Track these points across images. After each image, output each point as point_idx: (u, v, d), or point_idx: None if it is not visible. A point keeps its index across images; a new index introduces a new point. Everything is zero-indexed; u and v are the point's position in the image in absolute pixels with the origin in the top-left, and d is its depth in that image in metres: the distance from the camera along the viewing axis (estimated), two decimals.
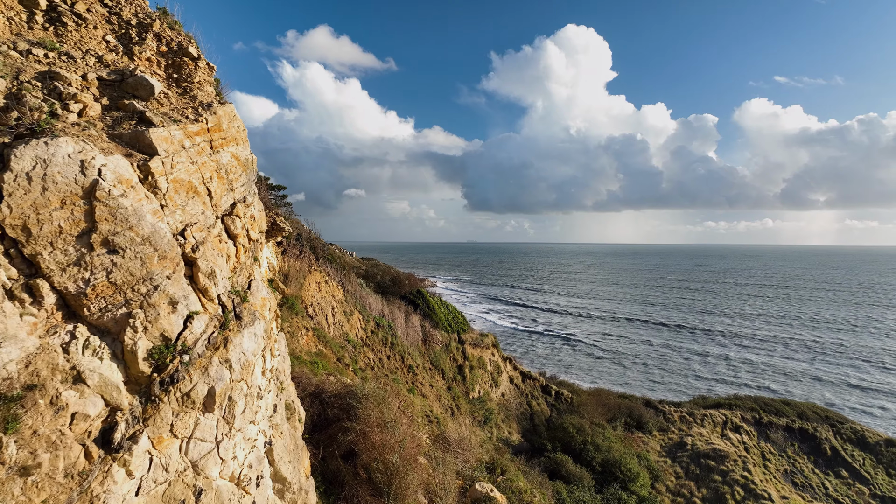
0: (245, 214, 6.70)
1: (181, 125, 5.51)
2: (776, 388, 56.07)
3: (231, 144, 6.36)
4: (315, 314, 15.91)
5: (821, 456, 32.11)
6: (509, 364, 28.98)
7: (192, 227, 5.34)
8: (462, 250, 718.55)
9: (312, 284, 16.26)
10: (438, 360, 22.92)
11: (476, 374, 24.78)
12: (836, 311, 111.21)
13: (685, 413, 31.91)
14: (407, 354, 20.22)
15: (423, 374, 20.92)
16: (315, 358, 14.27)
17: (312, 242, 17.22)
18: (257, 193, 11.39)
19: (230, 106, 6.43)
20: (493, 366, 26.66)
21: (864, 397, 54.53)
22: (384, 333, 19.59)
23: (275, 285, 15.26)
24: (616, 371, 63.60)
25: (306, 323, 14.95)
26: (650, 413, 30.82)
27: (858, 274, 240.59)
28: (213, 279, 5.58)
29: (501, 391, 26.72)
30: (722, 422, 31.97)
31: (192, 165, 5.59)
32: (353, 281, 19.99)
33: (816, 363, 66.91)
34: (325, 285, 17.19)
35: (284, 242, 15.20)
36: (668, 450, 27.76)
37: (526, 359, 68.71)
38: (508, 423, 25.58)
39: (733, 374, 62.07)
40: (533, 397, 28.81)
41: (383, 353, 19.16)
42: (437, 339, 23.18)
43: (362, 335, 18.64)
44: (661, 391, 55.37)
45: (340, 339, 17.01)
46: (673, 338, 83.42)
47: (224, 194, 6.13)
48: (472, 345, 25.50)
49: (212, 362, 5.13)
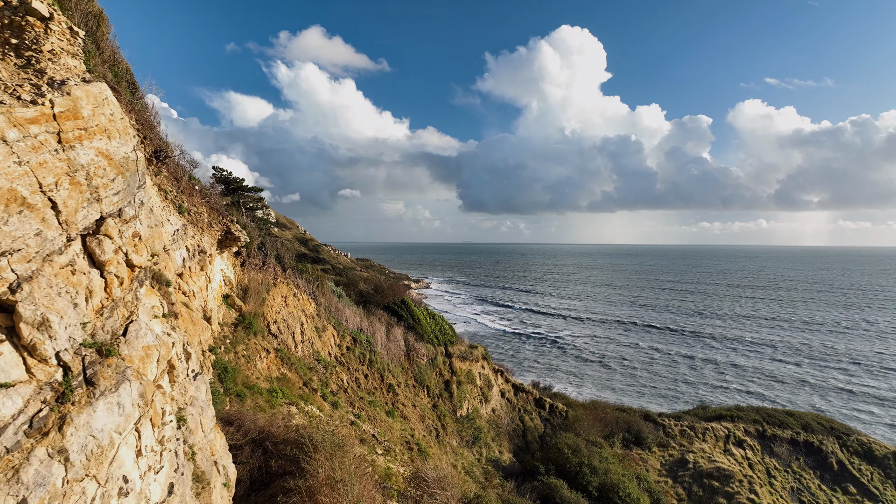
0: (123, 233, 4.96)
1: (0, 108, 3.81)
2: (767, 393, 55.22)
3: (97, 137, 4.61)
4: (280, 332, 14.18)
5: (827, 471, 30.71)
6: (500, 377, 27.33)
7: (9, 258, 3.62)
8: (458, 251, 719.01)
9: (277, 299, 14.53)
10: (423, 376, 21.23)
11: (464, 389, 23.12)
12: (827, 313, 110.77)
13: (686, 427, 30.40)
14: (387, 372, 18.51)
15: (404, 393, 19.22)
16: (276, 385, 12.55)
17: (279, 251, 15.47)
18: (171, 201, 9.50)
19: (98, 85, 4.68)
20: (482, 380, 25.00)
21: (851, 400, 53.68)
22: (362, 350, 17.88)
23: (231, 302, 13.52)
24: (607, 376, 62.54)
25: (267, 343, 13.22)
26: (649, 427, 29.27)
27: (850, 275, 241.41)
28: (48, 330, 3.85)
29: (492, 406, 25.07)
30: (724, 436, 30.49)
31: (19, 166, 3.84)
32: (328, 292, 18.26)
33: (806, 366, 66.23)
34: (293, 299, 15.45)
35: (244, 253, 13.45)
36: (668, 468, 26.22)
37: (517, 363, 67.31)
38: (499, 442, 23.93)
39: (723, 378, 61.16)
40: (526, 412, 27.18)
41: (360, 371, 17.44)
42: (422, 353, 21.50)
43: (336, 353, 16.91)
44: (653, 396, 54.22)
45: (310, 359, 15.29)
46: (665, 341, 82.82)
47: (82, 206, 4.37)
48: (460, 358, 23.82)
49: (30, 458, 3.43)
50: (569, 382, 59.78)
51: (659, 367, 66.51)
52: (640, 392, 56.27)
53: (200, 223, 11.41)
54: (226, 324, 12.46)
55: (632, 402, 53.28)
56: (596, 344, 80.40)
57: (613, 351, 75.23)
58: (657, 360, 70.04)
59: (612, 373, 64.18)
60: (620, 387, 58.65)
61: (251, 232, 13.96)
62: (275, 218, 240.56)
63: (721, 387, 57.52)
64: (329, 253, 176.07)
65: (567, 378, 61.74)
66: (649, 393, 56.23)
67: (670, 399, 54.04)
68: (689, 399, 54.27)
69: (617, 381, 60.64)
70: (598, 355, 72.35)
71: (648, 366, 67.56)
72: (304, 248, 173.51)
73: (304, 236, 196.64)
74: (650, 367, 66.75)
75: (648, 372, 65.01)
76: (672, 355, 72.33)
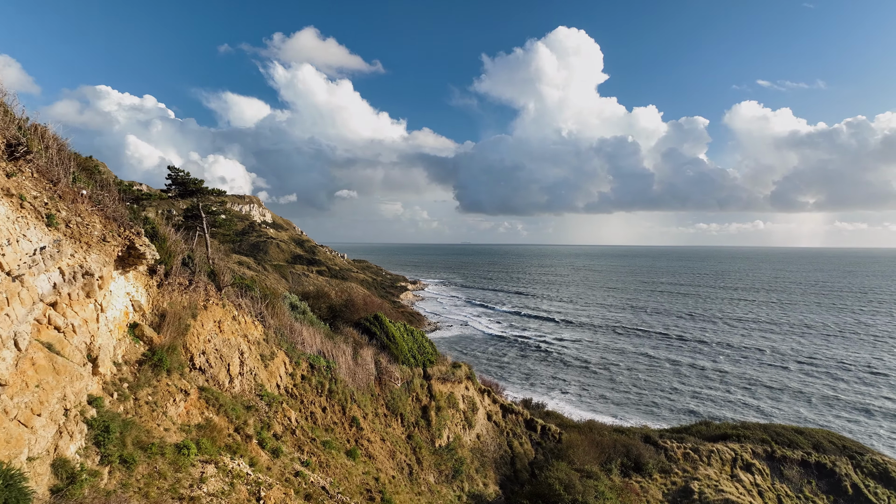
0: None
1: None
2: (762, 405, 52.95)
3: None
4: (209, 366, 11.71)
5: (841, 495, 28.38)
6: (487, 397, 24.88)
7: None
8: (455, 252, 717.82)
9: (208, 324, 12.04)
10: (396, 403, 18.77)
11: (444, 415, 20.67)
12: (823, 317, 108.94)
13: (689, 449, 28.02)
14: (350, 402, 16.05)
15: (372, 426, 16.75)
16: (193, 436, 10.09)
17: (214, 266, 12.99)
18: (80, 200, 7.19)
19: None
20: (466, 402, 22.56)
21: (844, 409, 51.66)
22: (320, 378, 15.41)
23: (138, 333, 11.05)
24: (602, 385, 60.40)
25: (187, 383, 10.74)
26: (649, 450, 26.88)
27: (847, 277, 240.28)
28: None
29: (476, 432, 22.62)
30: (731, 458, 28.13)
31: None
32: (282, 311, 15.80)
33: (801, 374, 64.31)
34: (231, 323, 12.97)
35: (161, 271, 10.99)
36: (671, 499, 23.82)
37: (509, 372, 64.92)
38: (484, 472, 21.48)
39: (726, 388, 58.95)
40: (515, 435, 24.74)
41: (317, 404, 14.96)
42: (396, 377, 19.04)
43: (288, 384, 14.42)
44: (649, 406, 51.95)
45: (249, 396, 12.81)
46: (661, 347, 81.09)
47: None
48: (440, 380, 21.37)
49: None
50: (561, 391, 57.55)
51: (656, 375, 64.42)
52: (636, 404, 54.00)
53: (87, 237, 8.95)
54: (128, 362, 9.98)
55: (628, 413, 51.02)
56: (591, 350, 78.35)
57: (609, 358, 73.22)
58: (654, 368, 67.99)
59: (608, 381, 62.00)
60: (615, 396, 56.47)
61: (171, 245, 11.47)
62: (271, 219, 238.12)
63: (719, 397, 55.31)
64: (325, 254, 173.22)
65: (559, 386, 59.57)
66: (645, 402, 54.00)
67: (666, 409, 51.82)
68: (685, 405, 52.06)
69: (612, 391, 58.49)
70: (594, 363, 70.20)
71: (644, 373, 65.46)
72: (300, 249, 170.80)
73: (301, 237, 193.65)
74: (646, 375, 64.67)
75: (644, 379, 62.95)
76: (671, 363, 70.31)
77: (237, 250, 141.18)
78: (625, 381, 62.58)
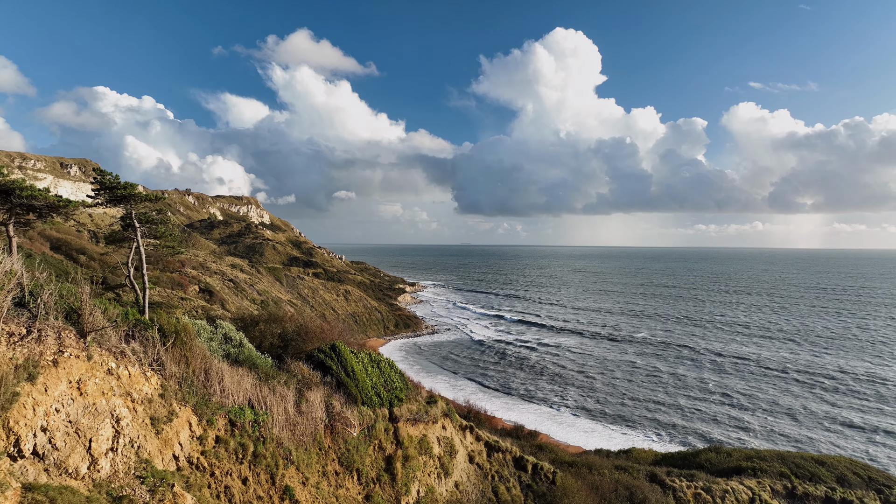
0: None
1: None
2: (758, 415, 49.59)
3: None
4: (53, 448, 8.30)
5: None
6: (469, 435, 21.48)
7: None
8: (454, 253, 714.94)
9: (58, 387, 8.65)
10: (352, 456, 15.37)
11: (414, 465, 17.29)
12: (822, 322, 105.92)
13: (700, 489, 24.67)
14: (284, 466, 12.66)
15: (315, 492, 13.37)
16: None
17: (77, 302, 9.59)
18: None
19: None
20: (443, 445, 19.16)
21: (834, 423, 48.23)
22: (242, 438, 12.01)
23: None
24: (599, 396, 57.12)
25: (5, 478, 7.31)
26: (656, 492, 23.52)
27: (845, 278, 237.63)
28: None
29: (455, 480, 19.24)
30: (748, 500, 24.81)
31: None
32: (195, 351, 12.39)
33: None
34: (102, 380, 9.59)
35: None
36: None
37: (504, 380, 61.52)
38: None
39: (719, 399, 55.66)
40: (501, 479, 21.35)
41: (234, 475, 11.56)
42: (352, 423, 15.67)
43: (193, 452, 11.01)
44: (649, 421, 48.60)
45: (123, 481, 9.39)
46: (659, 354, 78.22)
47: None
48: (410, 421, 17.97)
49: None
50: (556, 406, 54.23)
51: (654, 386, 61.24)
52: (636, 417, 50.62)
53: None
54: None
55: (628, 429, 47.68)
56: (588, 358, 75.27)
57: (608, 367, 70.16)
58: (655, 377, 64.80)
59: (605, 392, 58.74)
60: (613, 409, 53.16)
61: None
62: (269, 220, 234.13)
63: (719, 411, 51.93)
64: (322, 256, 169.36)
65: (555, 400, 56.28)
66: (646, 416, 50.61)
67: (665, 416, 48.48)
68: (688, 420, 48.70)
69: (609, 403, 55.21)
70: (593, 373, 66.94)
71: (645, 385, 62.28)
72: (296, 250, 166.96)
73: (298, 239, 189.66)
74: (645, 386, 61.56)
75: (643, 389, 59.82)
76: (667, 374, 67.14)
77: (233, 252, 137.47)
78: (623, 390, 59.41)
